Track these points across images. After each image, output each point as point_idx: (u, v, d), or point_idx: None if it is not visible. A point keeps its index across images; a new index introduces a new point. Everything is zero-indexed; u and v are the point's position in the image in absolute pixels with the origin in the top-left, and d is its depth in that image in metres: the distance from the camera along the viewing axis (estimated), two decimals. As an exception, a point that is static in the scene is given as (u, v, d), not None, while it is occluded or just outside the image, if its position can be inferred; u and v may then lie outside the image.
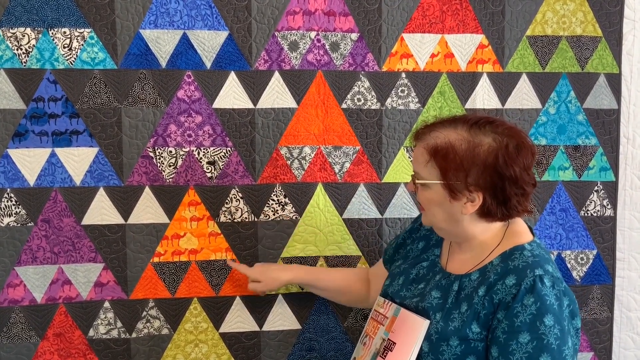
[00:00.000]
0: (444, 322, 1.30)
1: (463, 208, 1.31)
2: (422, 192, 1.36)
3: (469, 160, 1.27)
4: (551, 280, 1.24)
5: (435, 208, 1.35)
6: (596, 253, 1.93)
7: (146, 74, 1.72)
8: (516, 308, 1.22)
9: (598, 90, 1.89)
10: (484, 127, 1.30)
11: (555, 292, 1.23)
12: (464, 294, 1.32)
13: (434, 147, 1.31)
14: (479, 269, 1.33)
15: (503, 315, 1.24)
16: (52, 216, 1.73)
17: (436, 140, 1.31)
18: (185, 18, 1.72)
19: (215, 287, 1.81)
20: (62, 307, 1.75)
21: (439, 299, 1.34)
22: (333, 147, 1.82)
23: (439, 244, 1.48)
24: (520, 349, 1.21)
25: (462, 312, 1.29)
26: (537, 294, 1.22)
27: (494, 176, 1.28)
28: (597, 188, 1.92)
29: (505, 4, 1.84)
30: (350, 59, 1.80)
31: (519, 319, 1.22)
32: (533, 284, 1.23)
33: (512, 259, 1.30)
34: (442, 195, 1.32)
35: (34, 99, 1.69)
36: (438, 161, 1.30)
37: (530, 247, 1.32)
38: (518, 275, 1.25)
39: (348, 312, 1.87)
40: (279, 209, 1.82)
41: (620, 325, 1.96)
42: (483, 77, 1.86)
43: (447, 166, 1.29)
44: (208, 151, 1.78)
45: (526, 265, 1.26)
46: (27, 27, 1.67)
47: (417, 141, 1.38)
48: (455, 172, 1.28)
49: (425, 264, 1.45)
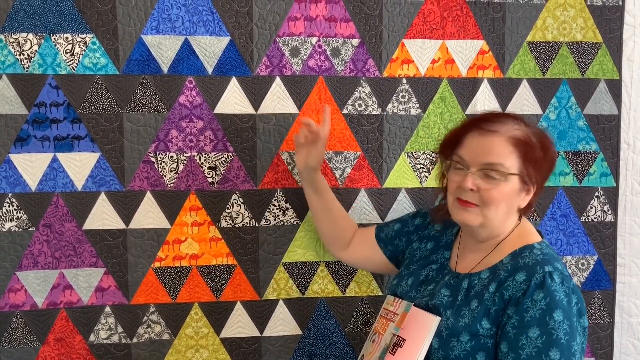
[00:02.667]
0: (454, 319, 1.31)
1: (522, 200, 1.35)
2: (496, 186, 1.32)
3: (543, 154, 1.34)
4: (560, 276, 1.26)
5: (502, 204, 1.33)
6: (597, 259, 1.94)
7: (148, 80, 1.73)
8: (526, 303, 1.24)
9: (598, 96, 1.90)
10: (528, 125, 1.38)
11: (564, 288, 1.25)
12: (473, 291, 1.33)
13: (517, 139, 1.32)
14: (489, 268, 1.34)
15: (513, 310, 1.25)
16: (53, 221, 1.73)
17: (515, 133, 1.33)
18: (187, 24, 1.73)
19: (216, 292, 1.81)
20: (63, 312, 1.76)
21: (448, 297, 1.35)
22: (334, 153, 1.82)
23: (448, 247, 1.48)
24: (530, 344, 1.22)
25: (472, 309, 1.30)
26: (547, 290, 1.23)
27: (551, 169, 1.39)
28: (597, 194, 1.92)
29: (505, 10, 1.84)
30: (351, 64, 1.81)
31: (528, 314, 1.23)
32: (543, 279, 1.25)
33: (522, 256, 1.31)
34: (518, 187, 1.34)
35: (36, 104, 1.70)
36: (521, 152, 1.32)
37: (539, 246, 1.34)
38: (528, 272, 1.27)
39: (349, 318, 1.87)
40: (280, 214, 1.82)
41: (621, 331, 1.96)
42: (484, 83, 1.86)
43: (528, 159, 1.32)
44: (209, 156, 1.78)
45: (536, 262, 1.28)
46: (29, 33, 1.68)
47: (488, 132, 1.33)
48: (534, 164, 1.33)
49: (435, 266, 1.46)
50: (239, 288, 1.82)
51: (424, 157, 1.86)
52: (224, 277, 1.81)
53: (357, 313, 1.87)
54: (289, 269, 1.84)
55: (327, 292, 1.86)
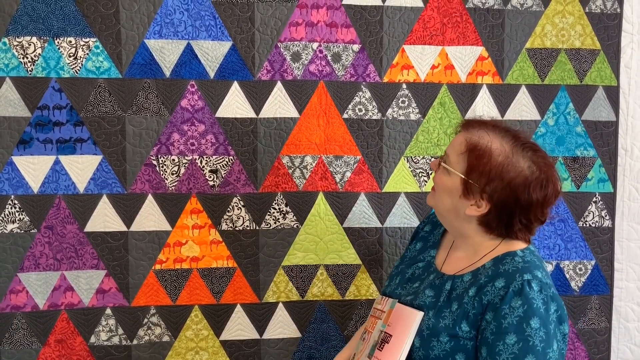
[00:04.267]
0: (435, 319, 1.33)
1: (467, 208, 1.35)
2: (440, 175, 1.39)
3: (497, 172, 1.31)
4: (539, 285, 1.27)
5: (444, 194, 1.38)
6: (594, 263, 1.95)
7: (150, 83, 1.74)
8: (504, 310, 1.26)
9: (596, 102, 1.91)
10: (526, 151, 1.33)
11: (542, 296, 1.26)
12: (455, 293, 1.35)
13: (474, 144, 1.33)
14: (471, 271, 1.36)
15: (491, 316, 1.27)
16: (55, 223, 1.74)
17: (479, 140, 1.34)
18: (190, 28, 1.74)
19: (217, 294, 1.82)
20: (64, 314, 1.77)
21: (432, 297, 1.37)
22: (334, 157, 1.84)
23: (435, 246, 1.51)
24: (507, 350, 1.24)
25: (452, 311, 1.33)
26: (525, 297, 1.25)
27: (510, 198, 1.31)
28: (595, 199, 1.93)
29: (505, 17, 1.86)
30: (352, 69, 1.82)
31: (506, 321, 1.25)
32: (521, 287, 1.26)
33: (503, 263, 1.33)
34: (456, 188, 1.35)
35: (39, 107, 1.71)
36: (470, 158, 1.33)
37: (522, 253, 1.35)
38: (507, 279, 1.29)
39: (348, 321, 1.88)
40: (280, 218, 1.83)
41: (618, 336, 1.97)
42: (483, 89, 1.88)
43: (476, 167, 1.32)
44: (210, 159, 1.79)
45: (516, 270, 1.30)
46: (33, 36, 1.69)
47: (463, 129, 1.40)
48: (479, 175, 1.32)
49: (421, 264, 1.48)
50: (239, 291, 1.83)
51: (424, 162, 1.87)
52: (224, 280, 1.82)
53: (356, 316, 1.88)
54: (288, 272, 1.85)
55: (327, 295, 1.87)
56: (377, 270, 1.87)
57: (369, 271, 1.87)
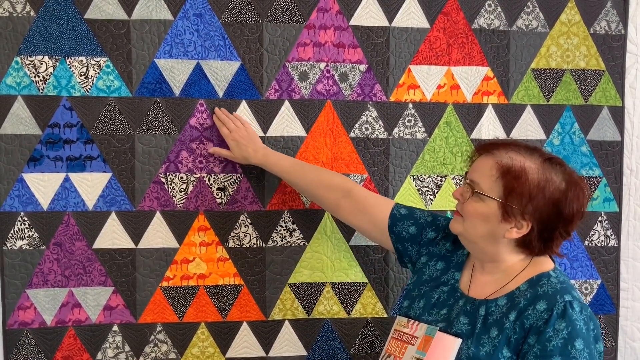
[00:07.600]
0: (475, 348, 1.33)
1: (507, 232, 1.34)
2: (472, 203, 1.36)
3: (536, 190, 1.31)
4: (580, 305, 1.29)
5: (478, 221, 1.36)
6: (600, 283, 1.95)
7: (160, 102, 1.77)
8: (548, 332, 1.26)
9: (601, 122, 1.93)
10: (554, 165, 1.35)
11: (583, 316, 1.28)
12: (491, 319, 1.34)
13: (508, 167, 1.33)
14: (505, 295, 1.36)
15: (535, 339, 1.28)
16: (64, 240, 1.75)
17: (512, 161, 1.33)
18: (199, 49, 1.77)
19: (223, 312, 1.83)
20: (71, 330, 1.77)
21: (467, 325, 1.36)
22: (341, 175, 1.85)
23: (459, 267, 1.49)
24: None
25: (492, 337, 1.32)
26: (569, 319, 1.26)
27: (552, 213, 1.32)
28: (601, 218, 1.94)
29: (510, 38, 1.88)
30: (359, 89, 1.84)
31: (551, 343, 1.26)
32: (564, 309, 1.28)
33: (540, 285, 1.33)
34: (494, 214, 1.34)
35: (49, 124, 1.73)
36: (507, 181, 1.32)
37: (555, 274, 1.36)
38: (549, 301, 1.29)
39: (354, 339, 1.88)
40: (287, 235, 1.84)
41: (624, 355, 1.97)
42: (488, 109, 1.89)
43: (514, 189, 1.32)
44: (218, 177, 1.81)
45: (555, 291, 1.31)
46: (45, 55, 1.72)
47: (485, 153, 1.39)
48: (519, 196, 1.31)
49: (446, 288, 1.46)
50: (246, 308, 1.84)
51: (430, 180, 1.89)
52: (230, 297, 1.83)
53: (362, 335, 1.88)
54: (295, 289, 1.85)
55: (333, 313, 1.87)
56: (383, 289, 1.88)
57: (375, 289, 1.88)
